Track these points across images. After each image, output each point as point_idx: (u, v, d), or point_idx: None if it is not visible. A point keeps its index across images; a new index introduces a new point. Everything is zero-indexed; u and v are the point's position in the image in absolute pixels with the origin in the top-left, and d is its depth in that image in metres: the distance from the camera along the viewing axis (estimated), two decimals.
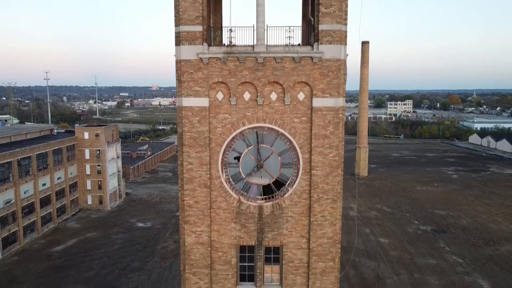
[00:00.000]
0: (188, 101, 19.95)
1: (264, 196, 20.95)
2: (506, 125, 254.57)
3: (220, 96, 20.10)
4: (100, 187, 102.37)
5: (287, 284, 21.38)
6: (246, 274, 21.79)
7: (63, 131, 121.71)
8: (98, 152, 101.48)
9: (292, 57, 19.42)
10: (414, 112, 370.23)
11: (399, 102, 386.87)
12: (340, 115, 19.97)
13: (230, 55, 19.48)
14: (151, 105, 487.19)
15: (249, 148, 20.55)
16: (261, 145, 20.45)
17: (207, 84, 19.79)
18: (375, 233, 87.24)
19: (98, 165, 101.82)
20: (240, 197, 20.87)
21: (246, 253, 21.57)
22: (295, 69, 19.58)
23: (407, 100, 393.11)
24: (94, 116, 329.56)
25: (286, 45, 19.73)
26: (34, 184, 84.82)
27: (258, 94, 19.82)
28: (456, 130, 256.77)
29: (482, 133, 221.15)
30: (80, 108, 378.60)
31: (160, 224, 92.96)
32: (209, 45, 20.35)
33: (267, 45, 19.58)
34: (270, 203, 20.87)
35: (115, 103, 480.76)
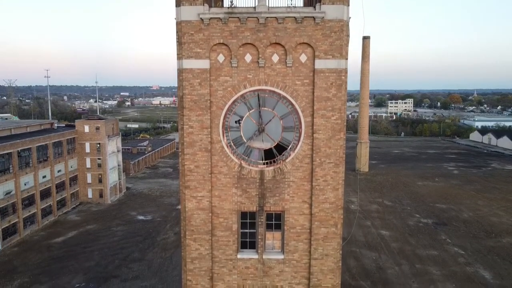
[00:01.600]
0: (188, 63, 19.72)
1: (266, 161, 20.71)
2: (507, 123, 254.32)
3: (221, 58, 19.86)
4: (100, 181, 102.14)
5: (288, 250, 21.13)
6: (248, 241, 21.55)
7: (63, 125, 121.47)
8: (98, 145, 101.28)
9: (294, 17, 19.19)
10: (415, 111, 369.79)
11: (399, 101, 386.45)
12: (343, 77, 19.73)
13: (231, 15, 19.25)
14: (152, 104, 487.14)
15: (250, 111, 20.31)
16: (263, 108, 20.22)
17: (207, 45, 19.55)
18: (376, 226, 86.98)
19: (99, 159, 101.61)
20: (241, 162, 20.63)
21: (247, 219, 21.34)
22: (297, 30, 19.34)
23: (408, 99, 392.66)
24: (94, 115, 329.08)
25: (288, 6, 19.51)
26: (34, 176, 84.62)
27: (260, 56, 19.58)
28: (457, 128, 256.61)
29: (483, 130, 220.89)
30: (81, 107, 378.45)
31: (160, 217, 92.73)
32: (210, 6, 20.12)
33: (268, 6, 19.35)
34: (272, 167, 20.62)
35: (115, 102, 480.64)
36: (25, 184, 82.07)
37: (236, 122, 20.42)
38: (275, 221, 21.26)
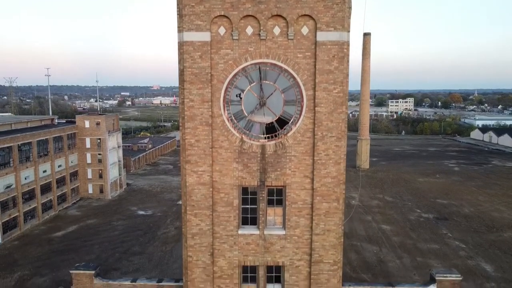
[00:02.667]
0: (189, 36, 19.58)
1: (267, 135, 20.56)
2: (508, 122, 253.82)
3: (222, 30, 19.73)
4: (101, 176, 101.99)
5: (290, 226, 20.98)
6: (249, 217, 21.41)
7: (64, 121, 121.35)
8: (98, 140, 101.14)
9: None
10: (415, 110, 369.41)
11: (400, 100, 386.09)
12: (345, 50, 19.59)
13: None
14: (152, 103, 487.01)
15: (251, 85, 20.18)
16: (264, 81, 20.08)
17: (208, 17, 19.42)
18: (377, 220, 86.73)
19: (99, 154, 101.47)
20: (242, 136, 20.49)
21: (248, 195, 21.19)
22: (298, 1, 19.20)
23: (409, 98, 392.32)
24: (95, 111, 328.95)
25: None
26: (35, 170, 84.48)
27: (261, 28, 19.44)
28: (457, 127, 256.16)
29: (484, 129, 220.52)
30: (81, 106, 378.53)
31: (161, 212, 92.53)
32: None
33: None
34: (273, 142, 20.49)
35: (116, 102, 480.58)
36: (25, 178, 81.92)
37: (237, 95, 20.28)
38: (276, 197, 21.12)
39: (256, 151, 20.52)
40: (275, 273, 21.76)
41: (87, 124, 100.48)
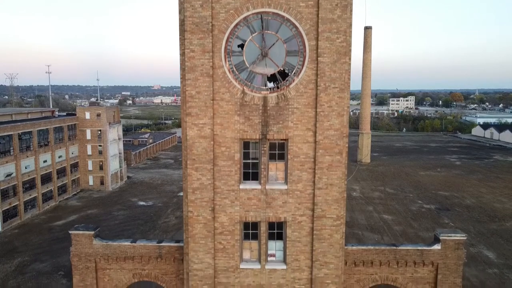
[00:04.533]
0: None
1: (269, 87, 20.25)
2: (510, 120, 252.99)
3: None
4: (101, 168, 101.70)
5: (292, 180, 20.66)
6: (250, 172, 21.10)
7: (65, 114, 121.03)
8: (99, 132, 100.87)
9: None
10: (416, 108, 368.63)
11: (401, 98, 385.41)
12: None
13: None
14: (153, 102, 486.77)
15: (253, 35, 19.87)
16: (266, 31, 19.78)
17: None
18: (378, 211, 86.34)
19: (100, 145, 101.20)
20: (244, 88, 20.18)
21: (249, 149, 20.88)
22: None
23: (410, 97, 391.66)
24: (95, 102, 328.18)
25: None
26: (35, 160, 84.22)
27: None
28: (458, 124, 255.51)
29: (485, 125, 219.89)
30: (82, 105, 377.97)
31: (161, 203, 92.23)
32: None
33: None
34: (275, 94, 20.17)
35: (117, 101, 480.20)
36: (25, 168, 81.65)
37: (238, 46, 19.98)
38: (278, 151, 20.80)
39: (257, 104, 20.21)
40: (277, 229, 21.44)
41: (87, 115, 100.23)
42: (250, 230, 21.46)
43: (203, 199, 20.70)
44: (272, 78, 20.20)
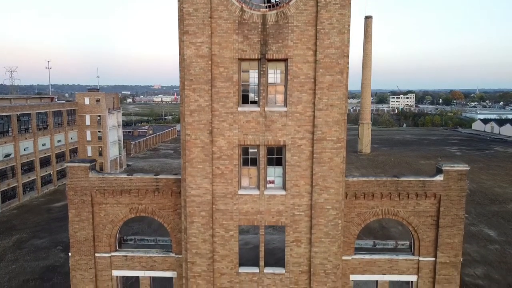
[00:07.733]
0: None
1: (268, 4, 19.85)
2: (510, 116, 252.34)
3: None
4: (100, 154, 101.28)
5: (292, 102, 20.22)
6: (248, 95, 20.69)
7: (64, 101, 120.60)
8: (98, 118, 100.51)
9: None
10: (416, 106, 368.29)
11: (401, 96, 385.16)
12: None
13: None
14: (153, 101, 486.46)
15: None
16: None
17: None
18: None
19: (99, 131, 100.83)
20: (243, 5, 19.76)
21: (248, 70, 20.46)
22: None
23: (410, 94, 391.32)
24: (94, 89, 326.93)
25: None
26: (34, 142, 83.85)
27: None
28: (459, 120, 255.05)
29: (486, 120, 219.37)
30: None
31: None
32: None
33: None
34: (275, 11, 19.75)
35: None
36: (24, 150, 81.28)
37: None
38: (278, 71, 20.36)
39: (257, 22, 19.79)
40: (276, 155, 21.02)
41: (87, 101, 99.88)
42: (248, 156, 21.04)
43: (201, 121, 20.27)
44: None
